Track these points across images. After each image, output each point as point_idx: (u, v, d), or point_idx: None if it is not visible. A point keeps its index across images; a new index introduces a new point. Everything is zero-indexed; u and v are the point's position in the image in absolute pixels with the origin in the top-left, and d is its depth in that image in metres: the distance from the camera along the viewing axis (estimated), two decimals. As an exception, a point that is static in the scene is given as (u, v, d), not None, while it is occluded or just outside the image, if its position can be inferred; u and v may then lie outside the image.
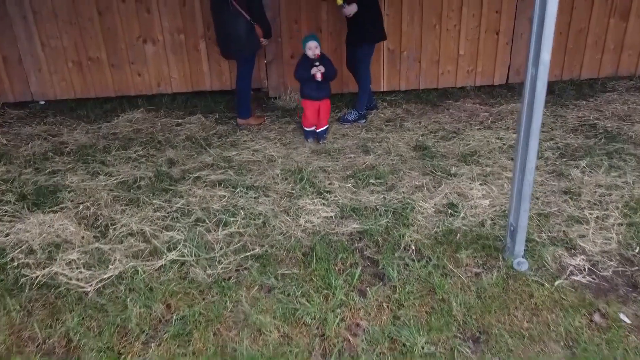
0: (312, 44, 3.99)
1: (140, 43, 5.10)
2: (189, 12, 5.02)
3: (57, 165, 3.97)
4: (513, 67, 5.43)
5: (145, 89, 5.31)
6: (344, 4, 4.29)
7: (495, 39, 5.28)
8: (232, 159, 4.06)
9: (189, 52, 5.18)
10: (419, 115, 4.89)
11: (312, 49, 3.99)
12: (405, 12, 5.10)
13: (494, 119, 4.70)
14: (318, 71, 4.01)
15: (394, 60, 5.30)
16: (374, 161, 3.96)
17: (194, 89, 5.36)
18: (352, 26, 4.49)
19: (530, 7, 5.16)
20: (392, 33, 5.17)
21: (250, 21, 4.28)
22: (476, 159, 3.94)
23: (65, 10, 4.91)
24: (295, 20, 5.10)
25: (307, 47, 4.00)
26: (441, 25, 5.17)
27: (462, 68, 5.38)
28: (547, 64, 2.30)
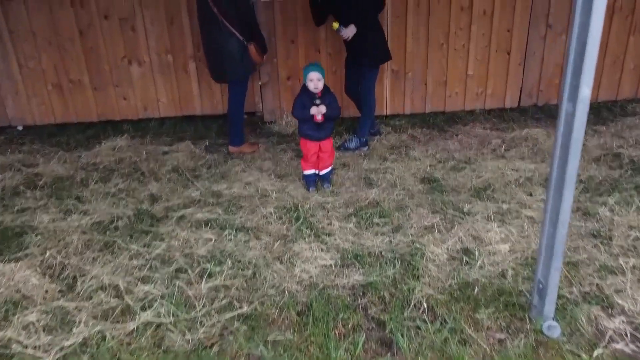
0: (314, 75, 3.55)
1: (125, 64, 4.75)
2: (177, 30, 4.67)
3: (28, 202, 3.59)
4: (525, 89, 5.07)
5: (131, 113, 4.95)
6: (340, 27, 3.93)
7: (507, 59, 4.93)
8: (221, 193, 3.68)
9: (177, 74, 4.83)
10: (426, 142, 4.52)
11: (314, 82, 3.56)
12: (410, 31, 4.76)
13: (508, 146, 4.33)
14: (318, 112, 3.55)
15: (398, 82, 4.95)
16: (378, 196, 3.58)
17: (183, 113, 5.00)
18: (352, 48, 4.14)
19: (543, 24, 4.82)
20: (396, 53, 4.82)
21: (243, 41, 3.93)
22: (491, 194, 3.55)
23: (44, 29, 4.57)
24: (292, 39, 4.75)
25: (309, 78, 3.58)
26: (449, 44, 4.83)
27: (471, 90, 5.03)
28: (587, 101, 1.93)
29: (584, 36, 1.84)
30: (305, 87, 3.63)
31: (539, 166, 3.92)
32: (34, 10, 4.52)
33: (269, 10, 4.65)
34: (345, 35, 3.96)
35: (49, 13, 4.54)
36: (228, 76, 4.10)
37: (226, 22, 3.85)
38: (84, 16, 4.57)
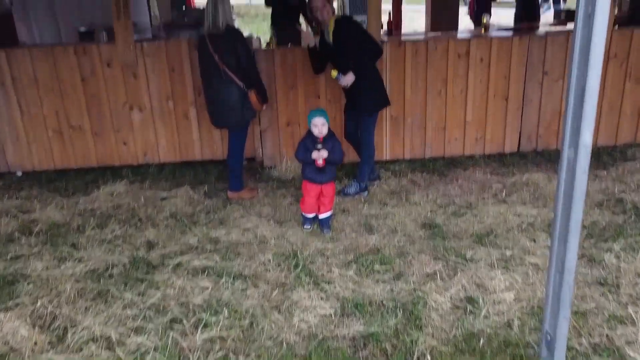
0: (319, 120, 3.57)
1: (126, 110, 4.79)
2: (179, 77, 4.73)
3: (22, 249, 3.53)
4: (524, 134, 5.09)
5: (131, 158, 4.95)
6: (339, 75, 3.97)
7: (505, 105, 4.97)
8: (219, 239, 3.62)
9: (178, 120, 4.86)
10: (426, 187, 4.49)
11: (318, 127, 3.57)
12: (409, 78, 4.82)
13: (509, 191, 4.30)
14: (320, 157, 3.56)
15: (398, 128, 4.97)
16: (379, 242, 3.52)
17: (182, 158, 5.00)
18: (351, 95, 4.17)
19: (539, 71, 4.89)
20: (395, 99, 4.86)
21: (244, 89, 3.97)
22: (493, 240, 3.49)
23: (46, 76, 4.63)
24: (292, 86, 4.81)
25: (313, 123, 3.59)
26: (447, 91, 4.88)
27: (470, 135, 5.04)
28: (589, 146, 1.91)
29: (582, 83, 1.83)
30: (310, 131, 3.65)
31: (541, 211, 3.87)
32: (39, 59, 4.59)
33: (269, 58, 4.72)
34: (344, 83, 4.00)
35: (53, 61, 4.61)
36: (228, 123, 4.13)
37: (227, 71, 3.91)
38: (87, 64, 4.64)
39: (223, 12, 3.89)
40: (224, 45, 3.91)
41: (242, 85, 3.96)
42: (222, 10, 3.90)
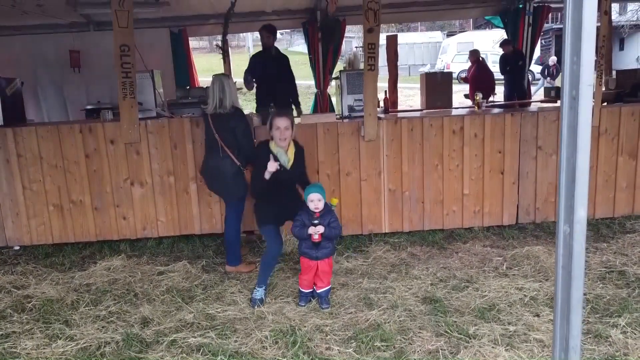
0: (315, 196, 3.60)
1: (127, 185, 4.85)
2: (181, 154, 4.84)
3: (14, 326, 3.44)
4: (522, 206, 5.12)
5: (130, 232, 4.95)
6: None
7: (501, 179, 5.04)
8: (215, 316, 3.54)
9: (178, 195, 4.91)
10: (426, 260, 4.45)
11: (315, 202, 3.60)
12: (406, 153, 4.92)
13: (510, 264, 4.26)
14: (316, 232, 3.55)
15: (396, 201, 5.01)
16: (379, 317, 3.44)
17: (181, 232, 5.00)
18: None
19: (533, 146, 5.01)
20: (392, 173, 4.95)
21: (240, 166, 4.09)
22: (496, 315, 3.41)
23: (51, 153, 4.74)
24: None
25: (309, 199, 3.62)
26: (443, 165, 4.97)
27: (468, 208, 5.07)
28: (584, 222, 1.92)
29: (572, 162, 1.88)
30: (307, 207, 3.67)
31: (543, 285, 3.82)
32: (44, 137, 4.73)
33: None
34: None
35: (58, 138, 4.74)
36: (223, 194, 4.24)
37: (225, 148, 4.06)
38: (91, 141, 4.76)
39: (230, 93, 4.07)
40: (226, 125, 4.10)
41: (238, 163, 4.08)
42: (228, 91, 4.08)
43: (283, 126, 3.73)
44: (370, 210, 5.02)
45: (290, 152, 3.84)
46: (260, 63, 6.27)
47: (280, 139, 3.74)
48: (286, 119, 3.76)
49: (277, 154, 3.76)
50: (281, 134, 3.73)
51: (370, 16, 4.61)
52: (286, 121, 3.75)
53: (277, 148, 3.78)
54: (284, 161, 3.78)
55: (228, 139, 4.08)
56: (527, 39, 9.69)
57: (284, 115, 3.80)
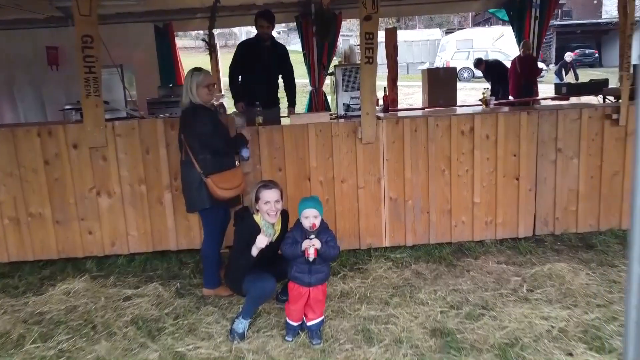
0: (310, 212, 3.04)
1: (93, 195, 4.28)
2: (153, 160, 4.27)
3: (-60, 371, 2.87)
4: (539, 216, 4.55)
5: (97, 249, 4.37)
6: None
7: (516, 185, 4.48)
8: (185, 355, 2.97)
9: (151, 206, 4.33)
10: (433, 280, 3.89)
11: (310, 219, 3.03)
12: (409, 157, 4.36)
13: (530, 285, 3.69)
14: (311, 246, 2.99)
15: (397, 211, 4.45)
16: (380, 356, 2.88)
17: (155, 248, 4.42)
18: None
19: (552, 148, 4.44)
20: (393, 179, 4.39)
21: (201, 174, 3.53)
22: (520, 353, 2.85)
23: (4, 159, 4.16)
24: (279, 168, 4.34)
25: (303, 215, 3.06)
26: (451, 170, 4.41)
27: (479, 219, 4.51)
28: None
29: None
30: (300, 224, 3.12)
31: (572, 313, 3.25)
32: (-2, 140, 4.15)
33: (253, 138, 4.28)
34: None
35: (13, 144, 4.16)
36: (186, 206, 3.74)
37: (189, 151, 3.57)
38: (51, 146, 4.19)
39: (187, 88, 3.56)
40: (184, 123, 3.63)
41: (200, 171, 3.55)
42: (187, 86, 3.58)
43: (273, 200, 3.18)
44: (368, 221, 4.46)
45: (277, 224, 3.32)
46: (252, 52, 5.35)
47: (269, 213, 3.18)
48: (276, 191, 3.21)
49: (263, 227, 3.22)
50: (271, 208, 3.17)
51: (367, 2, 4.05)
52: (276, 193, 3.20)
53: (263, 221, 3.23)
54: (270, 234, 3.24)
55: (188, 140, 3.59)
56: (534, 33, 9.17)
57: (272, 186, 3.23)
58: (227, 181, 3.58)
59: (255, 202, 3.21)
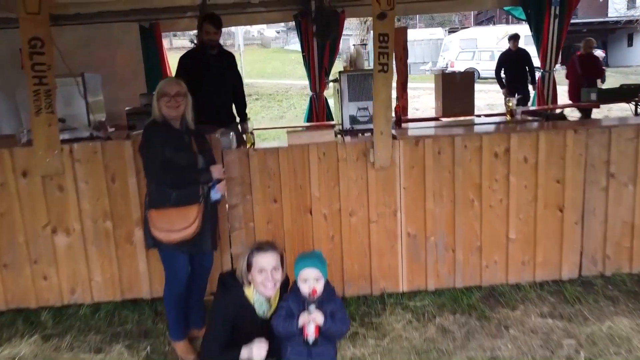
0: (310, 273, 2.32)
1: (47, 233, 3.52)
2: (121, 190, 3.51)
3: None
4: (586, 254, 3.80)
5: (53, 298, 3.61)
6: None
7: (559, 218, 3.73)
8: None
9: (118, 246, 3.57)
10: (464, 341, 3.14)
11: (310, 282, 2.31)
12: (431, 185, 3.61)
13: (589, 353, 2.94)
14: (311, 321, 2.26)
15: (417, 250, 3.70)
16: None
17: (124, 296, 3.66)
18: None
19: (602, 173, 3.69)
20: (412, 212, 3.64)
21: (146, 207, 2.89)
22: None
23: (-63, 193, 3.42)
24: (274, 198, 3.58)
25: (301, 277, 2.34)
26: (481, 200, 3.66)
27: (515, 258, 3.76)
28: None
29: None
30: (297, 288, 2.37)
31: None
32: None
33: (242, 162, 3.53)
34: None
35: (-52, 170, 3.41)
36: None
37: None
38: (-4, 173, 3.44)
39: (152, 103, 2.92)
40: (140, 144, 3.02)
41: (146, 202, 2.93)
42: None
43: (270, 267, 2.41)
44: (382, 262, 3.70)
45: (274, 298, 2.53)
46: (196, 64, 4.51)
47: (266, 285, 2.41)
48: (274, 255, 2.44)
49: (255, 303, 2.47)
50: (267, 279, 2.40)
51: (382, -4, 3.29)
52: (274, 258, 2.43)
53: (256, 296, 2.47)
54: (264, 311, 2.50)
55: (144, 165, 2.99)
56: (553, 33, 8.43)
57: (268, 248, 2.45)
58: (166, 221, 2.83)
59: (246, 270, 2.45)
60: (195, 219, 2.85)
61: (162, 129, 2.88)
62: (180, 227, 2.83)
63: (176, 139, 2.90)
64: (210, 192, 2.96)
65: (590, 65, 7.99)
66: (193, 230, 2.85)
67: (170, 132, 2.89)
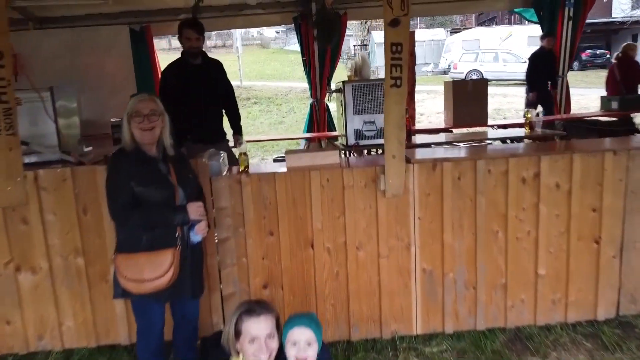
0: (301, 334, 1.92)
1: (10, 272, 3.07)
2: (94, 222, 3.06)
3: None
4: (625, 291, 3.36)
5: (18, 345, 3.16)
6: None
7: (595, 251, 3.28)
8: None
9: (92, 285, 3.13)
10: (492, 402, 2.69)
11: (300, 346, 1.89)
12: (449, 215, 3.16)
13: (641, 420, 2.49)
14: None
15: (433, 288, 3.25)
16: None
17: (100, 342, 3.21)
18: None
19: (645, 200, 3.24)
20: (428, 246, 3.19)
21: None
22: None
23: None
24: (271, 231, 3.13)
25: (289, 339, 1.94)
26: (507, 231, 3.21)
27: (544, 296, 3.31)
28: None
29: None
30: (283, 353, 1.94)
31: None
32: None
33: (233, 189, 3.09)
34: None
35: None
36: None
37: None
38: (-50, 204, 2.98)
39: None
40: None
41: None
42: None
43: (264, 334, 1.98)
44: (393, 301, 3.26)
45: None
46: (179, 77, 4.07)
47: (258, 357, 1.97)
48: (268, 319, 2.01)
49: None
50: (260, 349, 1.96)
51: (395, 1, 2.84)
52: (267, 323, 2.00)
53: None
54: None
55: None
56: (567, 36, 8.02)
57: (261, 311, 2.02)
58: (136, 269, 2.38)
59: (234, 338, 2.00)
60: (170, 266, 2.39)
61: (131, 158, 2.43)
62: (152, 276, 2.38)
63: (149, 171, 2.45)
64: (190, 235, 2.51)
65: (630, 71, 7.47)
66: (168, 279, 2.39)
67: (141, 162, 2.44)
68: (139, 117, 2.42)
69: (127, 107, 2.48)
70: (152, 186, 2.43)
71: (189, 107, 4.00)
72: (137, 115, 2.43)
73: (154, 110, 2.47)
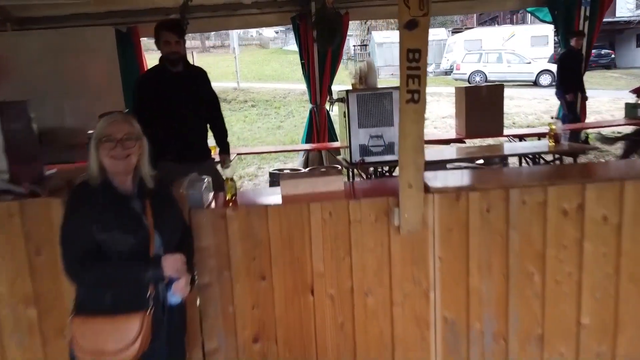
0: None
1: (-53, 327, 2.55)
2: (48, 266, 2.52)
3: None
4: (682, 342, 2.84)
5: (-41, 411, 2.65)
6: None
7: (648, 295, 2.77)
8: None
9: (46, 340, 2.60)
10: None
11: None
12: (475, 254, 2.65)
13: None
14: None
15: (456, 340, 2.74)
16: None
17: (57, 408, 2.70)
18: None
19: None
20: (450, 290, 2.68)
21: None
22: None
23: None
24: (262, 275, 2.62)
25: None
26: (545, 273, 2.70)
27: (588, 348, 2.80)
28: None
29: None
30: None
31: None
32: None
33: (217, 223, 2.57)
34: None
35: None
36: None
37: None
38: None
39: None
40: None
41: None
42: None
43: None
44: (409, 356, 2.74)
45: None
46: (156, 87, 3.54)
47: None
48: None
49: None
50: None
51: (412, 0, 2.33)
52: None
53: None
54: None
55: None
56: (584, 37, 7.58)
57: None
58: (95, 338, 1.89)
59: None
60: (137, 335, 1.88)
61: (97, 195, 1.92)
62: (115, 347, 1.87)
63: (118, 211, 1.94)
64: (168, 296, 1.99)
65: None
66: (134, 352, 1.88)
67: (109, 200, 1.93)
68: (110, 142, 1.92)
69: (95, 130, 1.97)
70: (119, 230, 1.92)
71: (168, 121, 3.47)
72: (109, 141, 1.92)
73: (130, 134, 1.96)
